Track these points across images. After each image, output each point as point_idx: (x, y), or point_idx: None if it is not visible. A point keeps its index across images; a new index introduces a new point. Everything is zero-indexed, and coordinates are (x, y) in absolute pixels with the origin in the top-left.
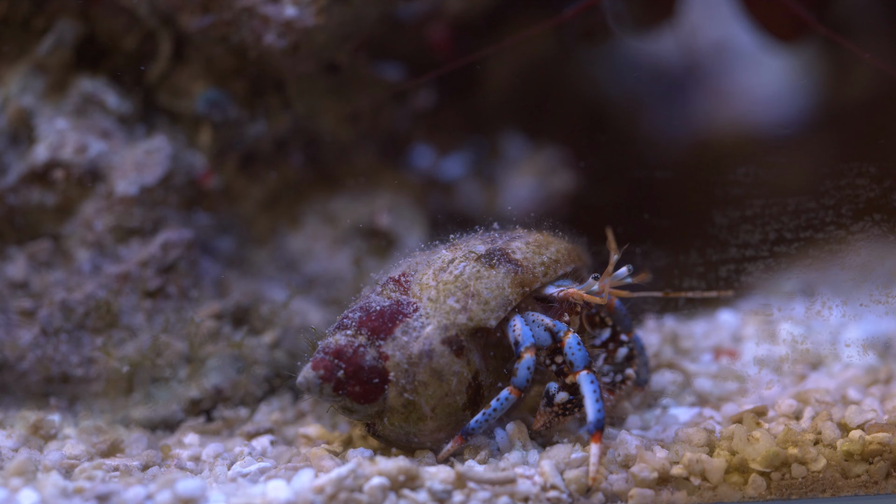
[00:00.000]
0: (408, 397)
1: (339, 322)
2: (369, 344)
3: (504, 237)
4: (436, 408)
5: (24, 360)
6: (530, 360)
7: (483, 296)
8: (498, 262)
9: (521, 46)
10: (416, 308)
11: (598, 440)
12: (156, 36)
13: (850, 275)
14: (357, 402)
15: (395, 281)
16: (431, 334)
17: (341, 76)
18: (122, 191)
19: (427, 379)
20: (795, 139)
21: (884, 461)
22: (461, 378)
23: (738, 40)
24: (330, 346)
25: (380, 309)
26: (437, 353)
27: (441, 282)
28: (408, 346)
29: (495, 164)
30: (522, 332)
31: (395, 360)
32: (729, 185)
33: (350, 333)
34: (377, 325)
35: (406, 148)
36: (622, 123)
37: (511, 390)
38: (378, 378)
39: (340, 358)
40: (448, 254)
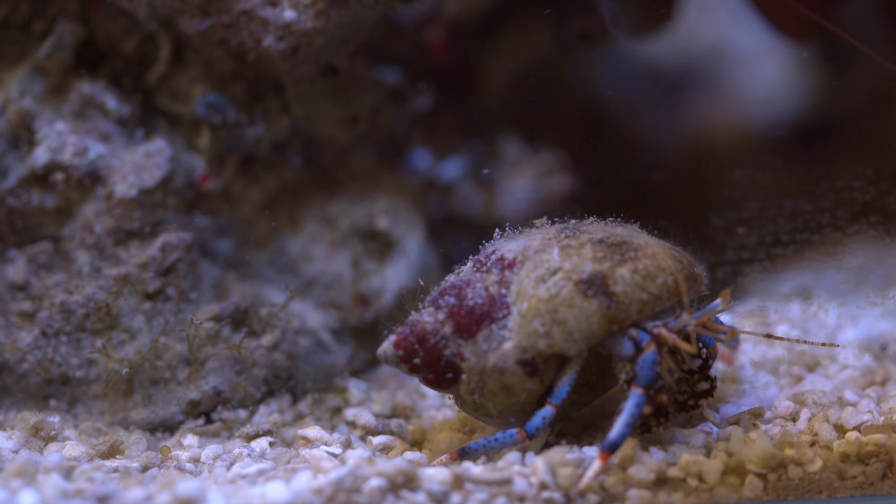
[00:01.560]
0: (476, 399)
1: (436, 296)
2: (452, 339)
3: (617, 254)
4: (503, 412)
5: (24, 362)
6: (548, 412)
7: (569, 326)
8: (594, 294)
9: (519, 49)
10: (506, 315)
11: (604, 458)
12: (155, 39)
13: (847, 277)
14: (429, 386)
15: (503, 267)
16: (508, 353)
17: (340, 79)
18: (122, 193)
19: (496, 390)
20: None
21: (880, 462)
22: (531, 393)
23: (735, 42)
24: (416, 326)
25: (472, 304)
26: (509, 372)
27: (536, 297)
28: (485, 355)
29: (493, 166)
30: (561, 388)
31: (471, 363)
32: (726, 188)
33: (440, 318)
34: (464, 323)
35: (404, 150)
36: (620, 126)
37: (519, 432)
38: (452, 374)
39: (422, 344)
40: (557, 259)
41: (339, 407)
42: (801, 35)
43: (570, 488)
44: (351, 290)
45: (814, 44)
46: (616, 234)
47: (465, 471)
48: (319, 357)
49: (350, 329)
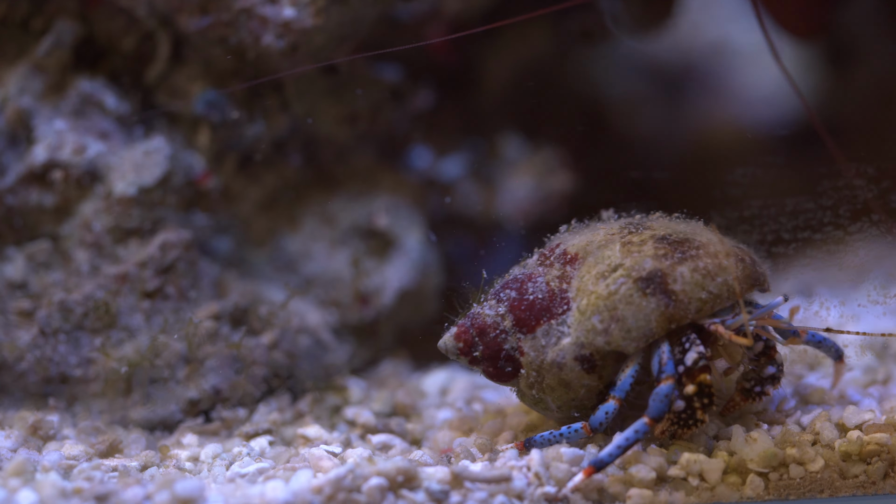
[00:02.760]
0: (535, 394)
1: (499, 288)
2: (511, 333)
3: (679, 251)
4: (562, 406)
5: (22, 361)
6: (611, 407)
7: (627, 323)
8: (653, 293)
9: (519, 47)
10: (566, 310)
11: (588, 473)
12: (154, 37)
13: (848, 275)
14: (489, 379)
15: (565, 262)
16: (566, 349)
17: (340, 77)
18: (121, 191)
19: (555, 385)
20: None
21: (882, 461)
22: (590, 389)
23: (736, 39)
24: (477, 319)
25: (533, 299)
26: (567, 368)
27: (595, 293)
28: (543, 350)
29: (493, 164)
30: (623, 380)
31: (529, 358)
32: (727, 186)
33: (501, 312)
34: (524, 318)
35: (404, 149)
36: (620, 124)
37: (584, 427)
38: (511, 367)
39: (482, 338)
40: (618, 256)
41: (339, 406)
42: (805, 34)
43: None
44: (351, 289)
45: (817, 42)
46: (679, 231)
47: (464, 469)
48: (319, 356)
49: (350, 327)
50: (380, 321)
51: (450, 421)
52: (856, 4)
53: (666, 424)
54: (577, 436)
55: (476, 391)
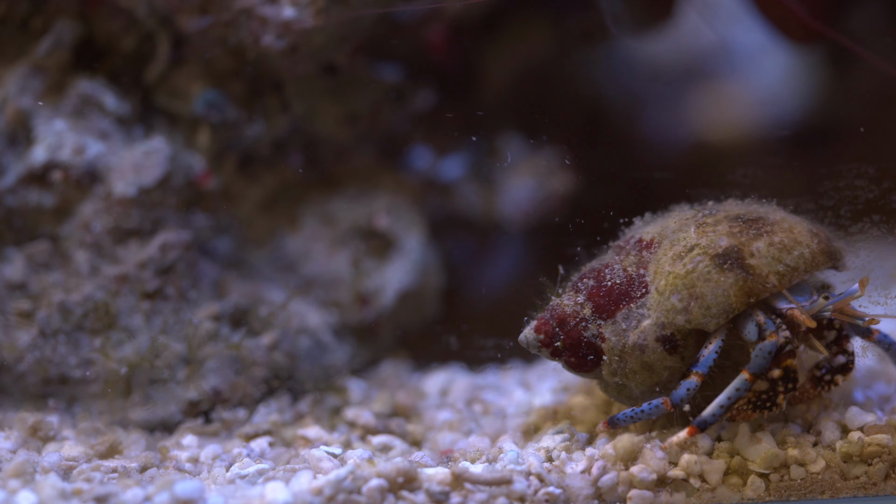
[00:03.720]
0: (618, 380)
1: (576, 280)
2: (592, 320)
3: (753, 229)
4: (645, 392)
5: (22, 362)
6: (693, 383)
7: (707, 300)
8: (730, 268)
9: (519, 47)
10: (644, 293)
11: (691, 432)
12: (154, 37)
13: (850, 276)
14: (571, 370)
15: (641, 248)
16: (647, 330)
17: (340, 77)
18: (121, 192)
19: (637, 369)
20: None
21: (882, 463)
22: (672, 371)
23: (737, 40)
24: (556, 310)
25: (611, 285)
26: (649, 349)
27: (673, 273)
28: (625, 334)
29: (494, 165)
30: (707, 356)
31: (611, 343)
32: (728, 187)
33: (579, 301)
34: (603, 304)
35: (405, 149)
36: (621, 124)
37: (664, 402)
38: (593, 356)
39: (562, 328)
40: (693, 237)
41: (339, 406)
42: (804, 39)
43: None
44: (351, 289)
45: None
46: (752, 211)
47: (465, 471)
48: (319, 356)
49: (350, 328)
50: (380, 322)
51: (450, 422)
52: (857, 5)
53: (742, 403)
54: (658, 411)
55: (476, 392)
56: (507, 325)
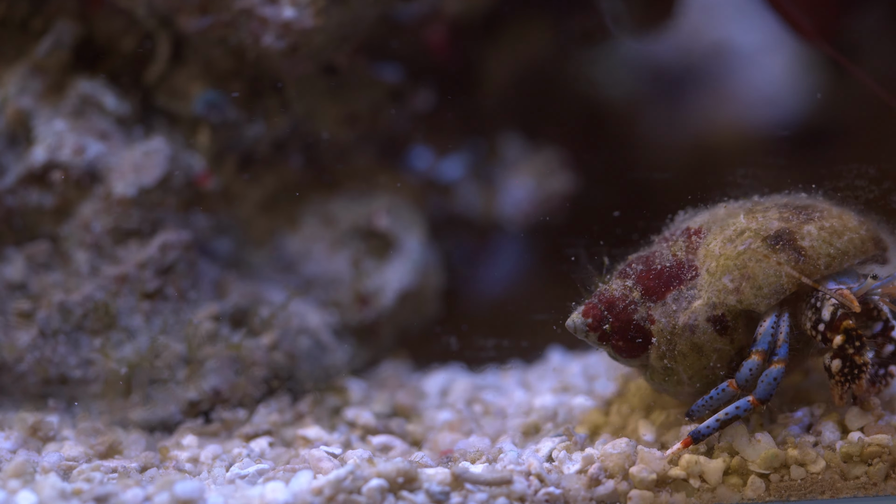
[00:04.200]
0: (667, 363)
1: (624, 267)
2: (641, 303)
3: (803, 214)
4: (693, 377)
5: (22, 362)
6: (754, 363)
7: (758, 280)
8: (782, 248)
9: (519, 47)
10: (694, 276)
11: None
12: (154, 37)
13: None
14: (619, 355)
15: (689, 235)
16: (698, 310)
17: (340, 77)
18: (121, 192)
19: (687, 351)
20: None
21: (883, 463)
22: (722, 353)
23: (738, 40)
24: (605, 294)
25: (660, 268)
26: (699, 330)
27: (724, 255)
28: (674, 315)
29: (494, 165)
30: (763, 333)
31: (660, 325)
32: (728, 187)
33: (628, 285)
34: (652, 286)
35: (405, 149)
36: (621, 125)
37: (730, 384)
38: (642, 339)
39: (611, 311)
40: (743, 222)
41: (339, 407)
42: (815, 36)
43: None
44: (351, 290)
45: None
46: (801, 200)
47: (465, 471)
48: (319, 357)
49: (350, 328)
50: (380, 322)
51: (450, 422)
52: (859, 6)
53: (839, 390)
54: (727, 395)
55: (476, 392)
56: (507, 325)
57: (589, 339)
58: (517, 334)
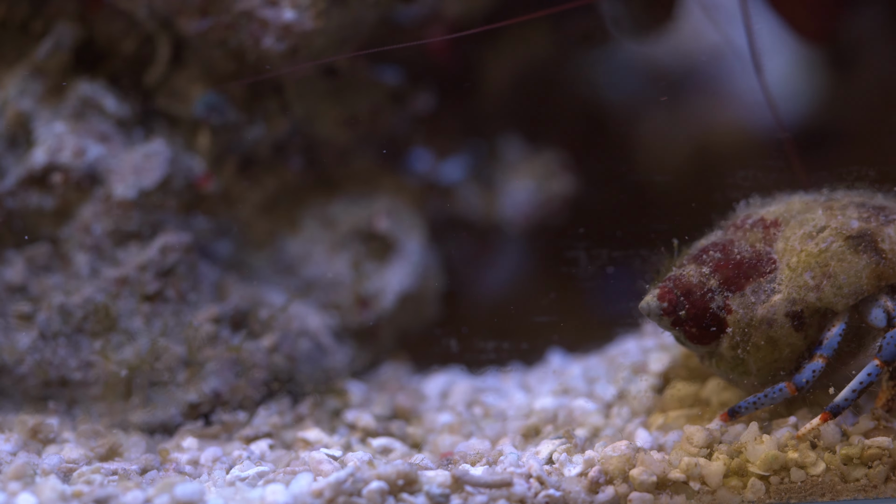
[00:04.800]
0: (738, 354)
1: (699, 252)
2: (718, 291)
3: (882, 215)
4: (762, 369)
5: (22, 364)
6: (818, 366)
7: (839, 280)
8: (864, 250)
9: (519, 49)
10: (773, 269)
11: (824, 418)
12: (154, 39)
13: None
14: (689, 341)
15: (765, 226)
16: (778, 304)
17: (340, 80)
18: (121, 194)
19: (761, 344)
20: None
21: (883, 465)
22: (794, 349)
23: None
24: (681, 279)
25: (739, 258)
26: (777, 324)
27: (805, 251)
28: (753, 307)
29: (494, 167)
30: (831, 338)
31: (737, 316)
32: (728, 189)
33: (705, 272)
34: (731, 276)
35: (405, 151)
36: (621, 127)
37: (788, 385)
38: (716, 327)
39: (687, 297)
40: (822, 218)
41: (339, 409)
42: (815, 36)
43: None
44: (351, 292)
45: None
46: (876, 200)
47: (465, 473)
48: (319, 359)
49: (350, 331)
50: (380, 324)
51: (450, 424)
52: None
53: (890, 392)
54: (781, 395)
55: (476, 394)
56: (508, 327)
57: (661, 322)
58: (517, 336)
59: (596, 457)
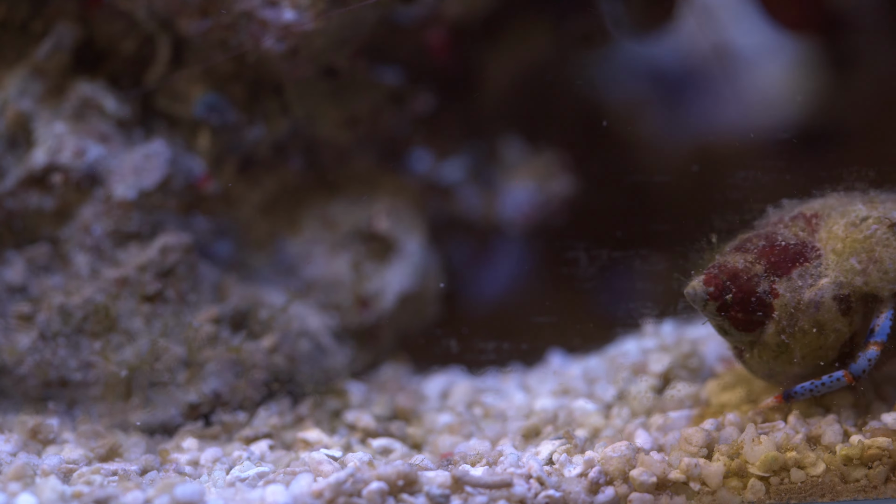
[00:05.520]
0: (783, 339)
1: (741, 243)
2: (764, 276)
3: None
4: (806, 356)
5: (22, 365)
6: (873, 353)
7: (885, 264)
8: None
9: (520, 50)
10: (818, 255)
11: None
12: (154, 40)
13: None
14: (735, 328)
15: (806, 218)
16: (825, 287)
17: (340, 80)
18: (121, 195)
19: (808, 328)
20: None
21: (883, 466)
22: (839, 335)
23: (738, 43)
24: (727, 265)
25: (784, 244)
26: (825, 307)
27: (850, 238)
28: (800, 291)
29: (494, 168)
30: (882, 324)
31: (784, 300)
32: (728, 189)
33: (750, 259)
34: (777, 261)
35: (405, 152)
36: (621, 127)
37: (845, 374)
38: (762, 312)
39: (734, 281)
40: (863, 209)
41: (339, 409)
42: (801, 27)
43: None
44: (351, 292)
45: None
46: None
47: (465, 474)
48: (319, 359)
49: (350, 331)
50: (380, 325)
51: (450, 425)
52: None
53: None
54: (838, 384)
55: (476, 395)
56: (508, 328)
57: (707, 308)
58: (517, 337)
59: (596, 457)
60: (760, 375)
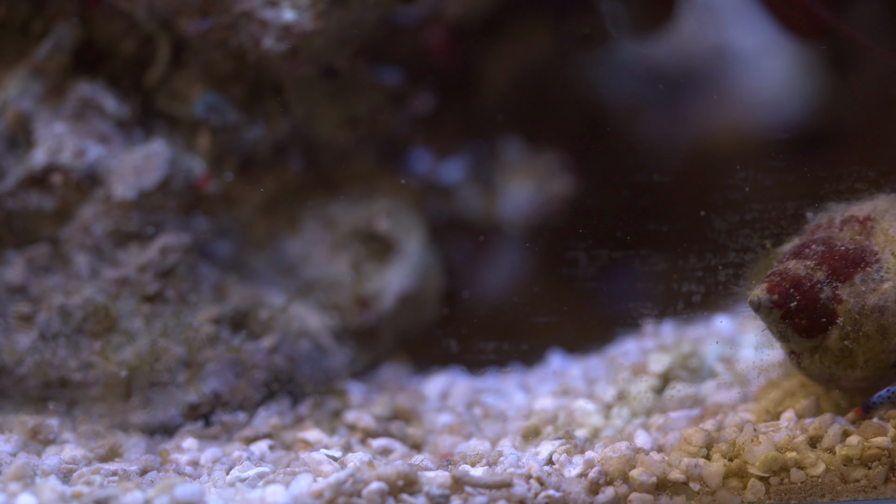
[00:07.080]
0: (847, 344)
1: (799, 248)
2: (827, 282)
3: None
4: (869, 360)
5: (22, 365)
6: None
7: None
8: None
9: (519, 50)
10: (878, 259)
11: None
12: (154, 40)
13: None
14: (797, 334)
15: (860, 221)
16: (889, 291)
17: (340, 80)
18: (121, 195)
19: (872, 332)
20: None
21: (882, 466)
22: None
23: (738, 43)
24: (788, 272)
25: (844, 250)
26: (889, 311)
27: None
28: (864, 296)
29: (494, 168)
30: None
31: (848, 306)
32: (728, 189)
33: (810, 265)
34: (838, 267)
35: (405, 152)
36: (621, 127)
37: None
38: (826, 318)
39: (797, 289)
40: None
41: (339, 410)
42: (810, 34)
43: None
44: (351, 293)
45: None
46: None
47: (465, 474)
48: (319, 360)
49: (350, 332)
50: (380, 325)
51: (450, 425)
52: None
53: None
54: None
55: (476, 395)
56: (508, 328)
57: (770, 316)
58: (517, 337)
59: (596, 457)
60: (820, 380)
